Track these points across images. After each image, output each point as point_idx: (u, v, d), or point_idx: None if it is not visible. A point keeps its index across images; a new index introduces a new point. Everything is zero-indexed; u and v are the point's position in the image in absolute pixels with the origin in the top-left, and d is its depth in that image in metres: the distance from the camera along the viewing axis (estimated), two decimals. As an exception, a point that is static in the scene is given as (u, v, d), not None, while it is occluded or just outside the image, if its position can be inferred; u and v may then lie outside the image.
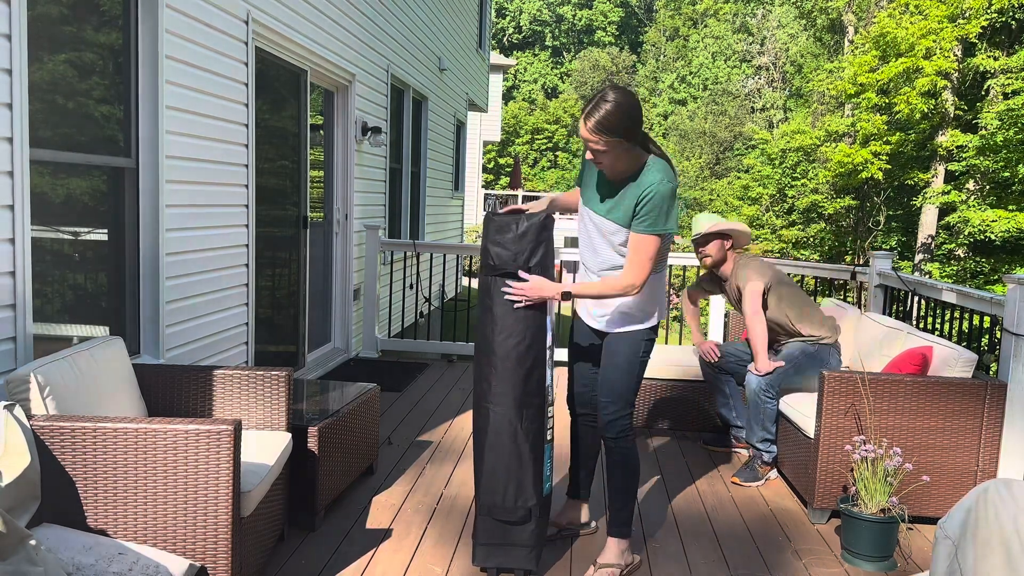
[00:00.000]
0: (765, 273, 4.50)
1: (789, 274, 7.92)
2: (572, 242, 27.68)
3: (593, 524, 3.64)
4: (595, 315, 3.26)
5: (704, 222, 4.60)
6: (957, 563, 1.82)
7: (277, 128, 5.50)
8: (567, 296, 3.02)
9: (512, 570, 3.13)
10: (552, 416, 3.19)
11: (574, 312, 3.44)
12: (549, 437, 3.17)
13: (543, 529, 3.15)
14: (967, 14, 18.01)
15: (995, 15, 17.92)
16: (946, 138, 18.65)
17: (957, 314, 4.68)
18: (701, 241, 4.58)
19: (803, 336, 4.49)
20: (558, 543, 3.48)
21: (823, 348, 4.46)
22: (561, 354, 6.32)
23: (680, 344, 7.96)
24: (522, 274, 2.99)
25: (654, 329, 3.21)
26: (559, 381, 5.98)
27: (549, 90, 52.74)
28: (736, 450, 4.83)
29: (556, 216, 2.97)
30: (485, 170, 35.96)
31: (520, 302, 2.98)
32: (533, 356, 3.04)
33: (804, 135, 22.60)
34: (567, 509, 3.60)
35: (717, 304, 6.98)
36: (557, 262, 7.32)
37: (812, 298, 5.85)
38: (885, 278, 5.53)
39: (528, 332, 3.03)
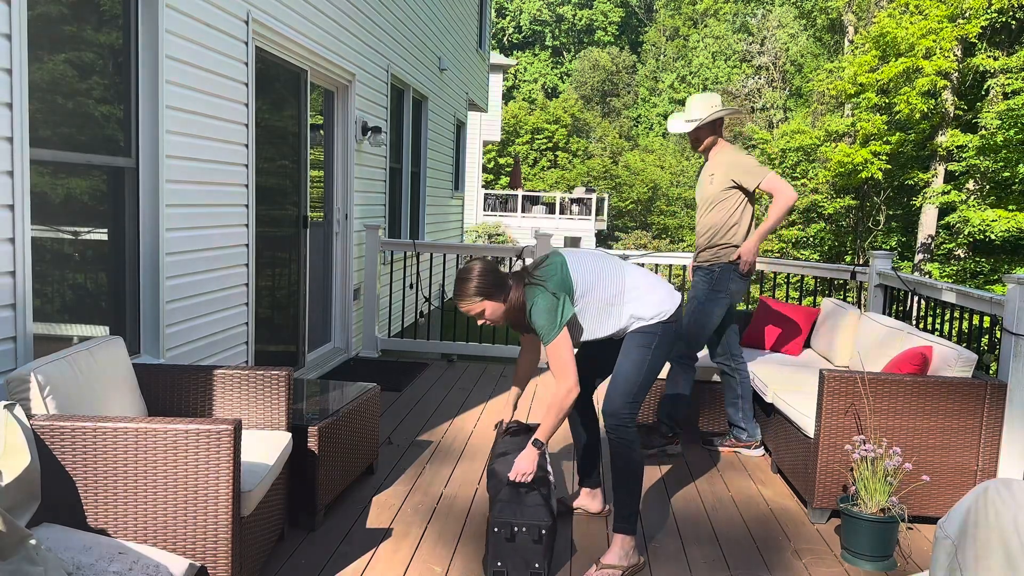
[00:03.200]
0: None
1: (789, 275, 7.92)
2: (571, 242, 27.70)
3: (607, 508, 3.83)
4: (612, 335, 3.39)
5: (697, 109, 4.55)
6: (957, 563, 1.82)
7: (277, 128, 5.50)
8: (539, 444, 3.17)
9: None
10: None
11: None
12: None
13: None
14: (967, 14, 18.02)
15: (995, 15, 17.92)
16: (946, 138, 18.66)
17: (957, 314, 4.68)
18: (693, 131, 4.59)
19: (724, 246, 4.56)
20: (561, 542, 3.48)
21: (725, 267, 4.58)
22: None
23: (680, 344, 7.97)
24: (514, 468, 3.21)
25: (666, 323, 3.26)
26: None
27: (549, 90, 52.73)
28: (737, 450, 4.83)
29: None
30: (485, 170, 35.96)
31: (524, 476, 3.17)
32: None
33: (804, 135, 22.62)
34: (579, 495, 3.83)
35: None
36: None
37: (812, 299, 5.86)
38: (885, 278, 5.53)
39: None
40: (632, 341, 3.26)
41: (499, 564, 3.07)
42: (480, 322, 3.23)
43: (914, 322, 5.21)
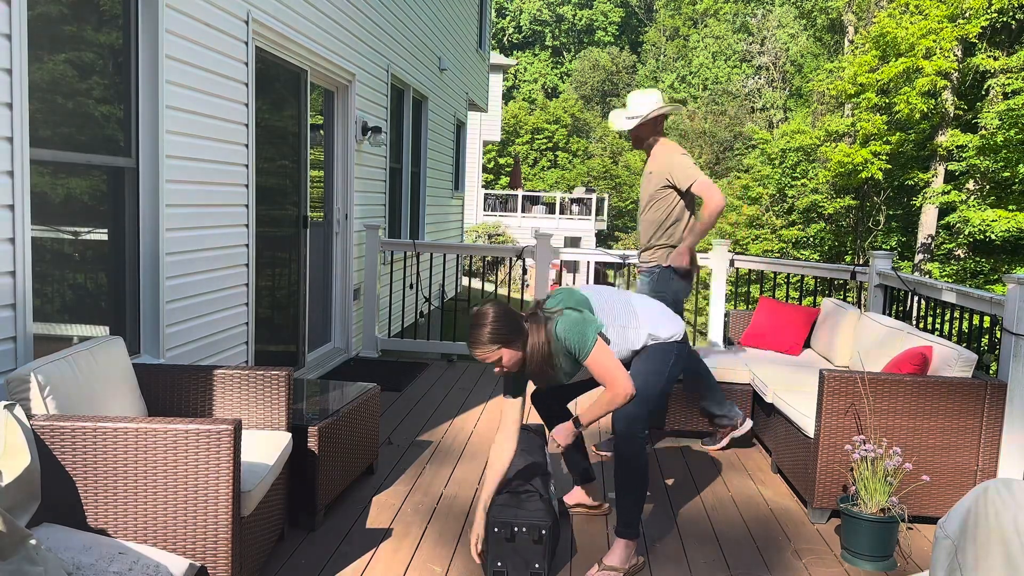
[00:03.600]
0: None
1: (789, 275, 7.91)
2: (571, 242, 27.69)
3: (604, 505, 3.84)
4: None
5: (637, 106, 4.50)
6: (957, 563, 1.82)
7: (277, 128, 5.50)
8: (578, 424, 3.24)
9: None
10: None
11: None
12: None
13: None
14: (967, 14, 18.02)
15: (995, 15, 17.92)
16: (946, 138, 18.66)
17: (957, 314, 4.68)
18: (634, 129, 4.54)
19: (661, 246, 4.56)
20: (561, 542, 3.48)
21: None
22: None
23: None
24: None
25: (681, 343, 3.36)
26: None
27: (549, 90, 52.73)
28: (729, 436, 4.73)
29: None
30: (485, 170, 35.97)
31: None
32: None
33: (804, 135, 22.62)
34: (574, 491, 3.83)
35: (717, 303, 6.97)
36: (556, 261, 7.31)
37: (812, 299, 5.85)
38: (885, 278, 5.53)
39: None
40: (651, 356, 3.28)
41: (499, 564, 3.07)
42: (497, 371, 3.06)
43: (914, 322, 5.21)
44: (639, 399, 3.22)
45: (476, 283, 16.45)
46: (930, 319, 5.02)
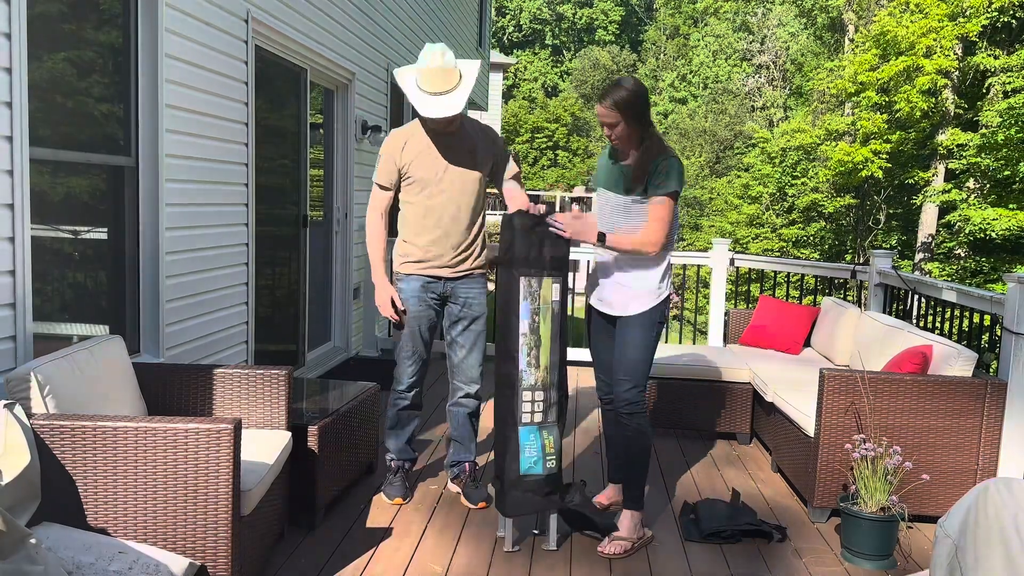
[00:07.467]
0: None
1: (789, 273, 7.92)
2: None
3: None
4: (605, 300, 3.50)
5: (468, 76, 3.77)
6: (957, 562, 1.82)
7: (277, 127, 5.50)
8: (602, 238, 3.31)
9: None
10: (534, 400, 3.32)
11: (587, 307, 3.67)
12: (527, 420, 3.30)
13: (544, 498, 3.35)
14: (967, 12, 18.00)
15: (995, 14, 17.90)
16: (946, 136, 18.64)
17: (957, 313, 4.68)
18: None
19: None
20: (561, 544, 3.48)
21: None
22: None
23: (680, 343, 7.98)
24: (560, 217, 3.28)
25: (665, 303, 3.46)
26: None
27: (549, 89, 52.69)
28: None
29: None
30: (485, 169, 35.90)
31: (563, 233, 3.27)
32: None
33: (804, 134, 22.59)
34: (608, 491, 3.86)
35: (717, 301, 6.97)
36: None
37: (812, 298, 5.83)
38: (885, 277, 5.53)
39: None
40: (642, 323, 3.40)
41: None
42: (607, 133, 3.30)
43: (914, 321, 5.21)
44: (637, 372, 3.37)
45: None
46: (930, 318, 5.02)
